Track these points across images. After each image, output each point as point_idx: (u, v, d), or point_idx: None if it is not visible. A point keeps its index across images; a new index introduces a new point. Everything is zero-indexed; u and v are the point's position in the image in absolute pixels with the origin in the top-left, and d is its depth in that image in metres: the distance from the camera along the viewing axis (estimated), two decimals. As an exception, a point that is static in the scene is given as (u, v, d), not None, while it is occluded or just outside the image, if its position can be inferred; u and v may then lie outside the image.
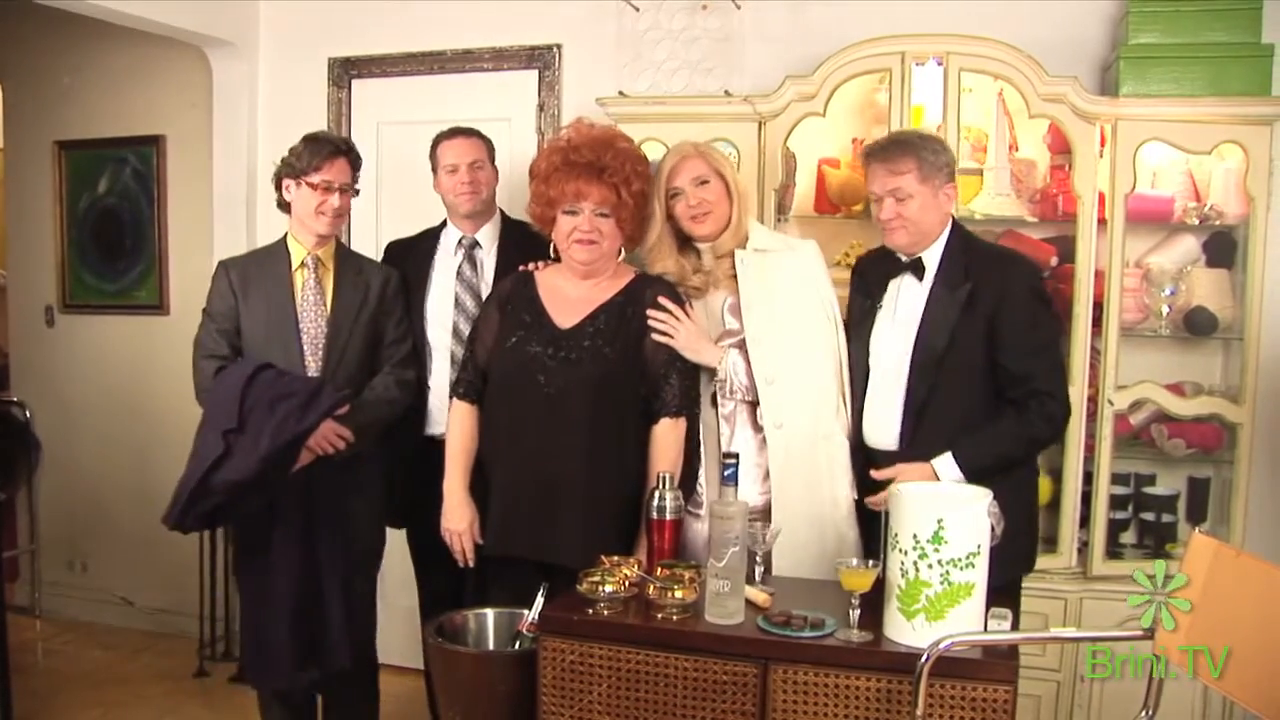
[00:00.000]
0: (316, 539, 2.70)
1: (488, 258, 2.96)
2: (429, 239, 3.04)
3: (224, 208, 3.95)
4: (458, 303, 2.90)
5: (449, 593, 2.82)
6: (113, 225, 4.37)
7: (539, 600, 2.26)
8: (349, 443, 2.66)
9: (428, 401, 2.90)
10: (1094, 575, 2.98)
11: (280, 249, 2.81)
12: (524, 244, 2.63)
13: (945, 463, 2.36)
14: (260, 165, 3.94)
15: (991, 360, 2.39)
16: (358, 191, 2.87)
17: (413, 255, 3.02)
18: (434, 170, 2.99)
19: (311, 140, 2.80)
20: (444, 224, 3.04)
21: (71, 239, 4.45)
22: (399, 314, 2.85)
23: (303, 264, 2.78)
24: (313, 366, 2.72)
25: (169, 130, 4.24)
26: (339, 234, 2.85)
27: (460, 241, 2.98)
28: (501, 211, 3.04)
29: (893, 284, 2.51)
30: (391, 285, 2.85)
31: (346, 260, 2.84)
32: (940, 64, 2.95)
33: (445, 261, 2.98)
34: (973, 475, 2.33)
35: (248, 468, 2.47)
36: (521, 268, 2.65)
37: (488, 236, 2.98)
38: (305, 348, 2.72)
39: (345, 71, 3.86)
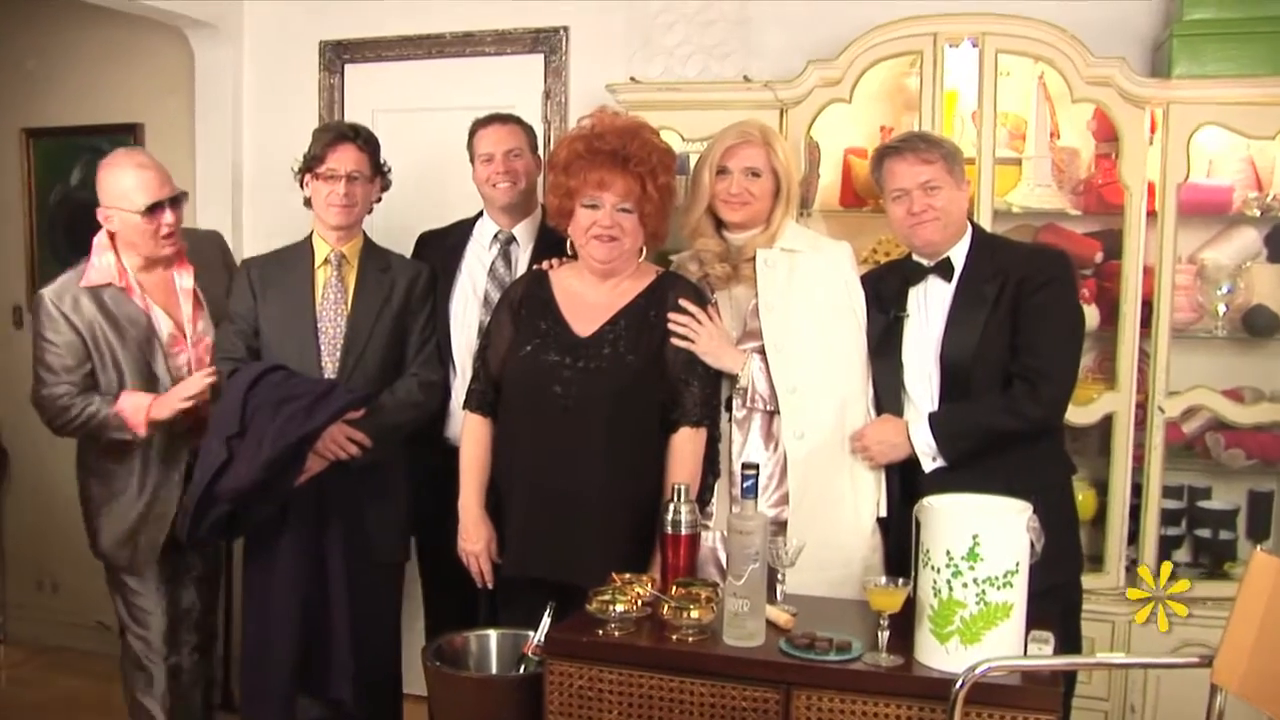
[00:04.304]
0: (327, 551, 2.73)
1: (523, 255, 2.98)
2: (461, 230, 3.07)
3: (207, 201, 3.96)
4: (487, 300, 2.92)
5: (459, 615, 2.83)
6: (87, 220, 4.28)
7: (545, 621, 2.29)
8: (366, 448, 2.70)
9: (449, 405, 2.91)
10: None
11: (304, 246, 2.87)
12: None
13: (919, 425, 2.46)
14: (246, 156, 3.98)
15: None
16: (387, 182, 2.92)
17: (442, 247, 3.05)
18: (471, 160, 3.03)
19: (319, 130, 2.88)
20: (479, 215, 3.08)
21: (42, 234, 4.47)
22: (426, 313, 2.89)
23: (326, 261, 2.83)
24: (330, 368, 2.77)
25: (147, 118, 4.26)
26: (352, 225, 2.86)
27: (496, 236, 3.01)
28: (543, 206, 3.04)
29: (915, 291, 2.57)
30: (420, 283, 2.89)
31: (372, 256, 2.88)
32: (975, 45, 2.98)
33: (477, 255, 3.02)
34: (948, 442, 2.43)
35: (250, 474, 2.51)
36: (535, 266, 2.68)
37: (525, 232, 3.01)
38: (323, 349, 2.78)
39: (337, 55, 3.88)
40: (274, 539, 2.71)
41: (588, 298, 2.54)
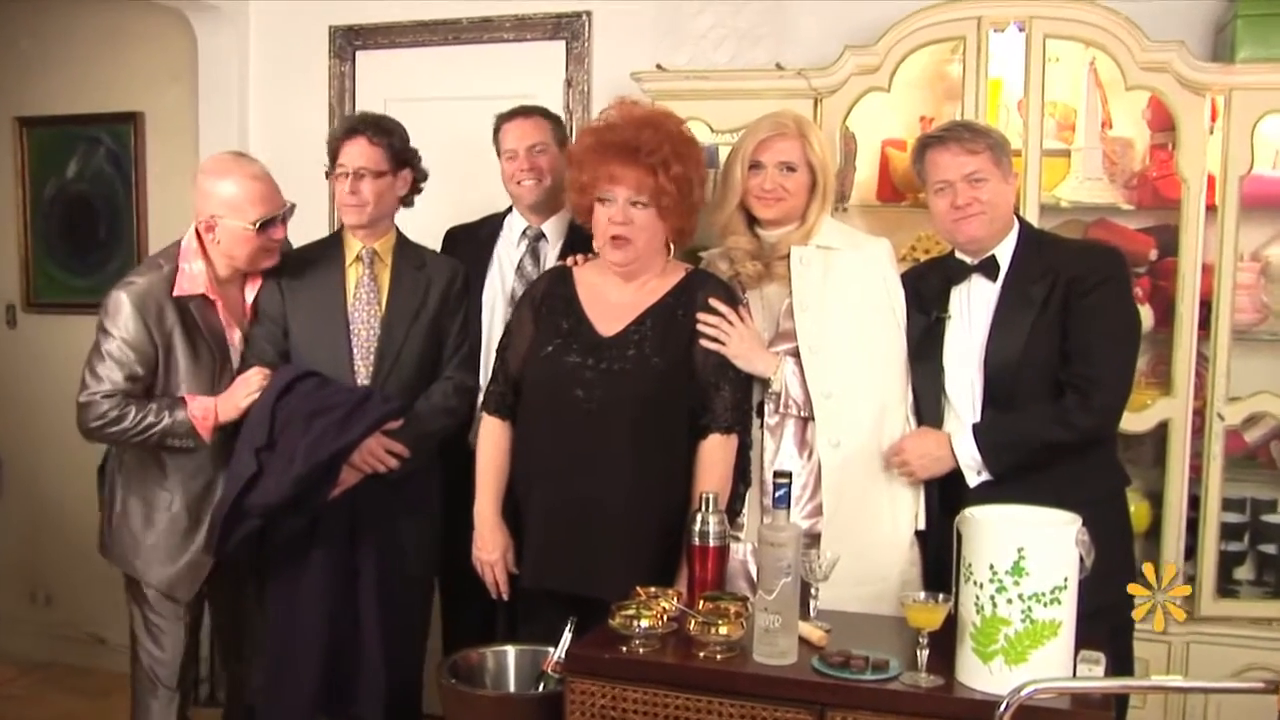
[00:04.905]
0: (360, 564, 2.74)
1: (552, 252, 3.02)
2: (490, 226, 3.12)
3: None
4: (513, 299, 2.95)
5: (476, 629, 2.86)
6: (84, 214, 4.44)
7: (566, 636, 2.31)
8: (404, 459, 2.72)
9: (475, 409, 2.92)
10: (1202, 616, 2.98)
11: (334, 242, 2.89)
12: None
13: (962, 437, 2.47)
14: (252, 147, 4.00)
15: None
16: (422, 173, 2.92)
17: (474, 242, 3.09)
18: (498, 155, 3.07)
19: (336, 125, 2.90)
20: (509, 210, 3.12)
21: (36, 229, 4.52)
22: (463, 315, 2.91)
23: (357, 258, 2.84)
24: (363, 373, 2.78)
25: (148, 107, 4.31)
26: (368, 224, 2.85)
27: (524, 232, 3.06)
28: None
29: (958, 291, 2.58)
30: (457, 283, 2.90)
31: (406, 254, 2.89)
32: (1022, 30, 2.98)
33: (506, 252, 3.07)
34: (993, 455, 2.44)
35: (280, 490, 2.53)
36: (560, 262, 2.71)
37: (554, 229, 3.06)
38: (355, 352, 2.79)
39: (348, 41, 3.92)
40: (302, 553, 2.70)
41: (612, 296, 2.57)
